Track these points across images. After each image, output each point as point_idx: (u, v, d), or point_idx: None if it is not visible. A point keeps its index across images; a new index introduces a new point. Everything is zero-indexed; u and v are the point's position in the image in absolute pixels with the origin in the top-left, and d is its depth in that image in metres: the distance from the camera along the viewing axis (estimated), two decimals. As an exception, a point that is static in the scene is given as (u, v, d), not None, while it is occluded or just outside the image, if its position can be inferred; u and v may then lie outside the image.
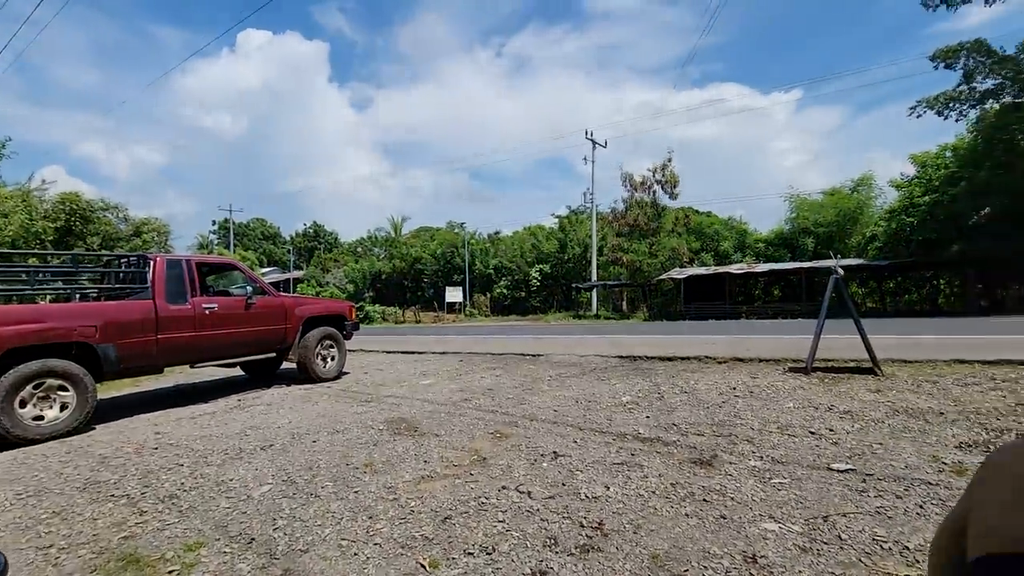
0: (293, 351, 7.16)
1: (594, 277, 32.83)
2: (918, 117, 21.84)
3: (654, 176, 32.84)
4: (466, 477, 3.46)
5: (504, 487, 3.25)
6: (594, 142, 33.01)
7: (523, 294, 39.57)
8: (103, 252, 16.69)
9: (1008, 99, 19.63)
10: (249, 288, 6.64)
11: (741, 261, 31.09)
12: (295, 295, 7.85)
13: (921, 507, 2.71)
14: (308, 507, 3.08)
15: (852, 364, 6.08)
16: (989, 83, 19.84)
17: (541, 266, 39.24)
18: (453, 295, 37.61)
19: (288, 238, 74.58)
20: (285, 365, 7.83)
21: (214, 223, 67.86)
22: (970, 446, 3.55)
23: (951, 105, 20.69)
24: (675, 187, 32.59)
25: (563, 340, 12.48)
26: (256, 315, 6.62)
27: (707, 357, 7.47)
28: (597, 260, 33.40)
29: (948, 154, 23.82)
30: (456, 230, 50.09)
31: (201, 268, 6.48)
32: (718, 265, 30.60)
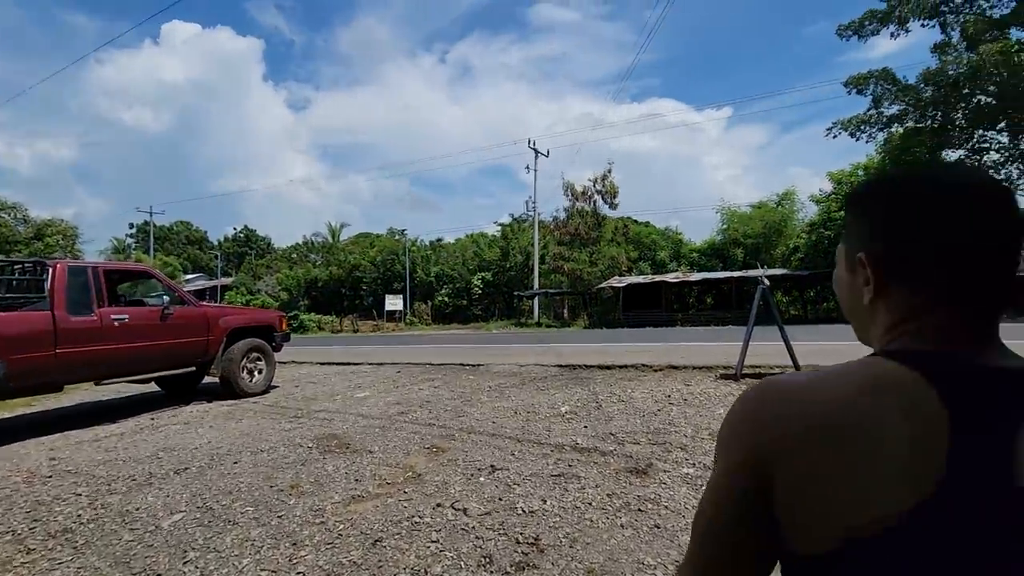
0: (216, 365, 6.69)
1: (536, 285, 33.13)
2: (834, 137, 23.63)
3: (595, 186, 33.68)
4: (399, 495, 3.32)
5: (439, 504, 3.14)
6: (536, 151, 33.46)
7: (465, 302, 39.30)
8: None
9: (911, 124, 21.59)
10: (166, 297, 6.15)
11: (677, 270, 32.32)
12: (220, 304, 7.38)
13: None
14: (225, 536, 2.84)
15: (777, 370, 6.39)
16: (895, 109, 21.75)
17: (483, 274, 39.16)
18: (393, 303, 36.82)
19: (216, 243, 70.67)
20: (208, 379, 7.32)
21: (132, 226, 63.40)
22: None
23: (862, 128, 22.50)
24: (615, 197, 33.54)
25: (504, 349, 12.45)
26: (173, 327, 6.14)
27: (644, 365, 7.64)
28: (539, 268, 33.74)
29: (860, 172, 25.90)
30: (397, 237, 49.22)
31: (111, 276, 5.96)
32: (655, 274, 31.66)
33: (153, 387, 7.55)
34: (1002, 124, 20.43)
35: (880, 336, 0.63)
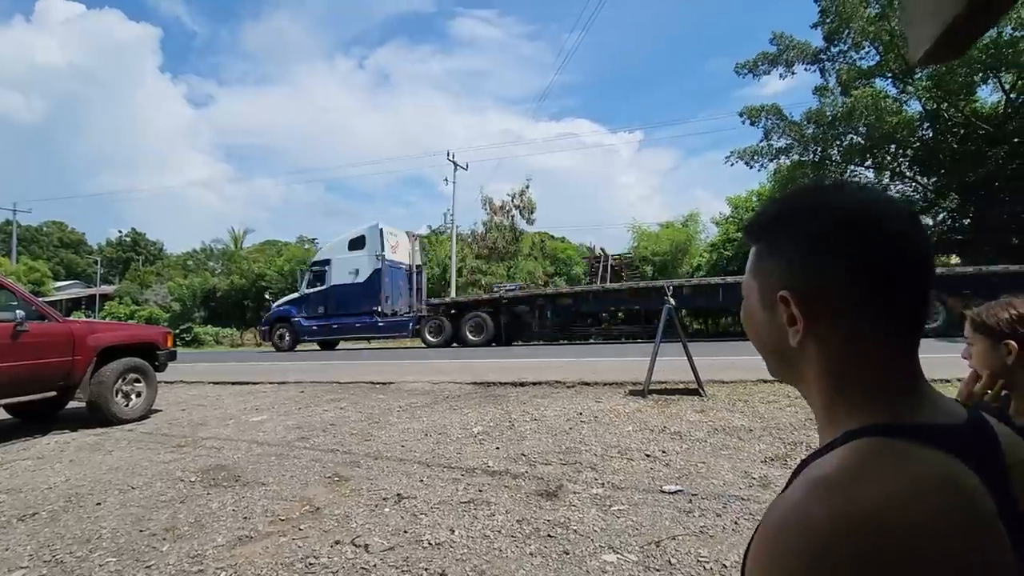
0: (83, 388, 5.87)
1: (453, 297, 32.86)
2: (732, 165, 25.70)
3: (513, 201, 34.18)
4: (294, 533, 3.03)
5: (338, 541, 2.90)
6: (455, 164, 33.38)
7: (380, 315, 38.15)
8: None
9: (796, 157, 23.97)
10: (20, 312, 5.31)
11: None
12: (89, 320, 6.53)
13: (736, 523, 2.95)
14: (74, 597, 2.43)
15: (682, 386, 6.68)
16: (783, 142, 24.05)
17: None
18: (302, 315, 34.91)
19: (96, 247, 63.55)
20: (74, 404, 6.42)
21: (-9, 225, 55.60)
22: (772, 460, 4.02)
23: (755, 157, 24.65)
24: (532, 212, 34.25)
25: (418, 365, 12.12)
26: (28, 345, 5.30)
27: (557, 381, 7.71)
28: (456, 281, 33.52)
29: (755, 198, 28.33)
30: (307, 245, 46.93)
31: (-52, 285, 5.07)
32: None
33: (2, 414, 6.50)
34: (869, 161, 23.26)
35: (827, 388, 0.58)
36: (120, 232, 68.43)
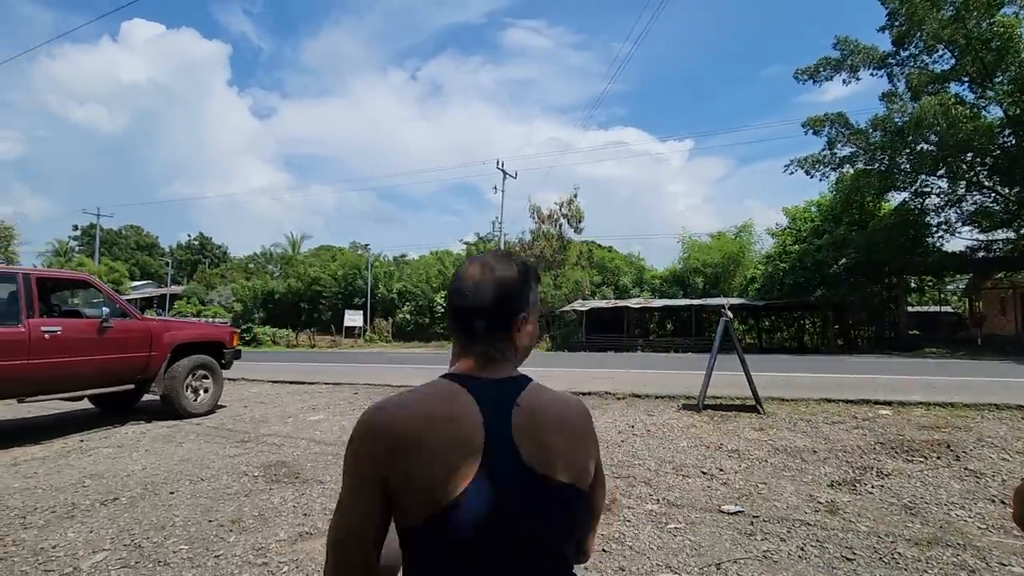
0: (157, 382, 6.25)
1: (500, 306, 33.03)
2: (791, 174, 24.72)
3: (560, 210, 34.13)
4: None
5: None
6: (504, 172, 33.68)
7: (427, 320, 38.75)
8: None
9: (861, 165, 22.81)
10: (105, 309, 5.73)
11: (639, 296, 32.87)
12: (164, 318, 6.95)
13: (802, 549, 2.80)
14: (152, 580, 2.57)
15: (738, 402, 6.46)
16: (847, 150, 22.96)
17: (446, 292, 38.79)
18: (353, 319, 35.98)
19: (168, 249, 67.78)
20: (148, 397, 6.84)
21: (76, 228, 60.37)
22: (840, 484, 3.81)
23: (816, 167, 23.62)
24: (580, 221, 34.09)
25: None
26: (112, 341, 5.71)
27: (607, 393, 7.60)
28: (503, 289, 33.70)
29: (814, 209, 27.13)
30: (360, 251, 48.39)
31: (44, 284, 5.52)
32: (618, 299, 32.10)
33: (86, 404, 7.01)
34: (941, 171, 21.82)
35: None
36: (189, 236, 72.88)
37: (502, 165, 33.50)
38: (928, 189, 22.96)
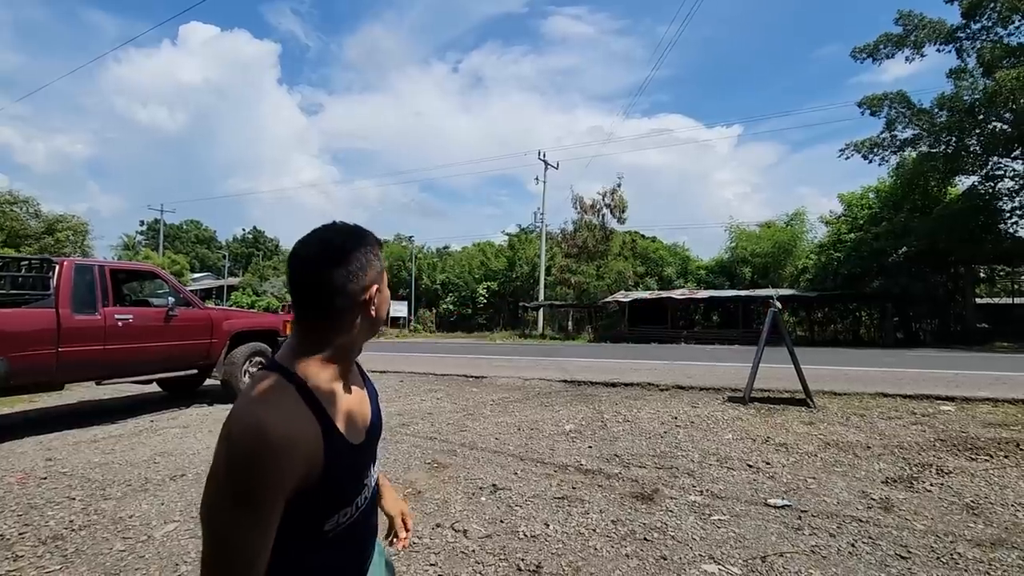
0: (218, 368, 6.63)
1: (541, 296, 33.03)
2: (847, 159, 23.53)
3: (603, 200, 33.68)
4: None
5: (439, 525, 3.05)
6: (546, 163, 33.52)
7: (469, 311, 39.24)
8: (1, 255, 15.15)
9: (924, 148, 21.47)
10: (171, 298, 6.11)
11: (683, 287, 32.17)
12: (223, 307, 7.33)
13: (853, 546, 2.73)
14: (217, 550, 2.76)
15: (787, 395, 6.27)
16: (908, 132, 21.64)
17: (489, 283, 39.10)
18: (397, 310, 36.82)
19: (224, 243, 71.07)
20: (209, 382, 7.26)
21: (142, 223, 64.07)
22: (895, 481, 3.66)
23: (875, 150, 22.40)
24: (623, 211, 33.52)
25: (508, 361, 12.35)
26: (177, 328, 6.09)
27: (650, 384, 7.52)
28: (545, 280, 33.67)
29: (872, 195, 25.76)
30: (404, 243, 49.30)
31: (116, 275, 5.92)
32: (661, 290, 31.52)
33: (154, 388, 7.50)
34: (1017, 151, 20.26)
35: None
36: (244, 230, 76.18)
37: (544, 156, 33.35)
38: (1001, 172, 21.37)
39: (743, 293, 26.46)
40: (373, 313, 0.90)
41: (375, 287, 0.90)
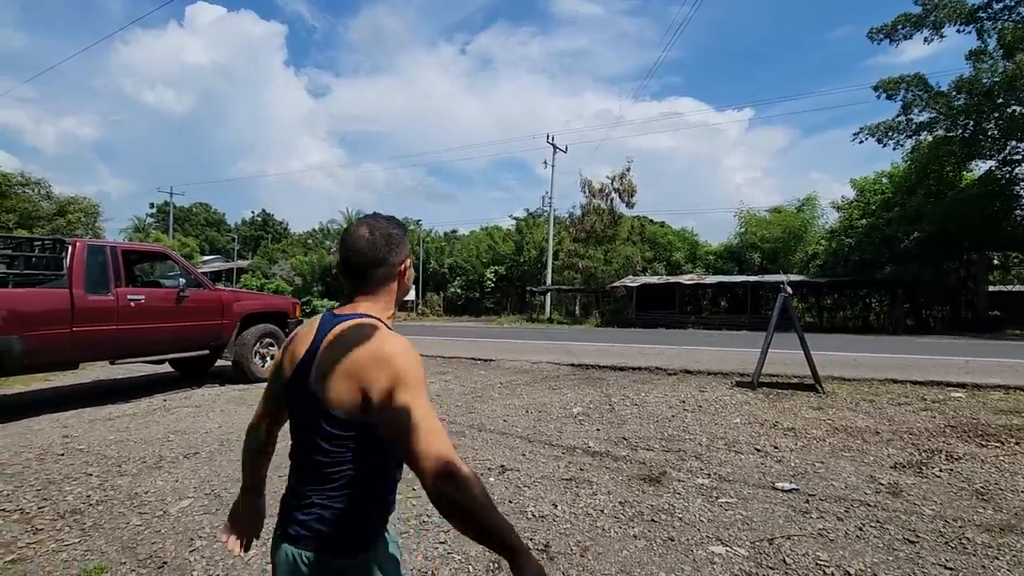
0: (229, 349, 6.71)
1: (549, 281, 32.97)
2: (860, 143, 23.08)
3: (612, 184, 33.34)
4: (408, 492, 3.27)
5: (448, 504, 3.08)
6: (555, 147, 33.18)
7: (477, 295, 39.30)
8: (15, 235, 15.25)
9: (940, 132, 21.01)
10: (182, 280, 6.16)
11: (692, 272, 31.96)
12: (234, 288, 7.37)
13: (861, 529, 2.74)
14: (231, 525, 2.81)
15: (796, 380, 6.26)
16: (925, 116, 21.16)
17: (496, 267, 39.07)
18: (406, 293, 36.86)
19: (233, 226, 71.35)
20: (220, 362, 7.35)
21: (152, 206, 64.22)
22: (904, 467, 3.66)
23: (890, 134, 21.94)
24: (632, 196, 33.20)
25: (516, 344, 12.39)
26: (188, 309, 6.15)
27: (658, 368, 7.53)
28: (553, 264, 33.58)
29: (885, 180, 25.32)
30: (411, 227, 49.27)
31: (128, 256, 5.97)
32: (670, 275, 31.33)
33: (167, 368, 7.61)
34: (1036, 136, 19.80)
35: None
36: (253, 212, 76.36)
37: (552, 139, 33.01)
38: (1019, 156, 20.89)
39: (752, 279, 26.24)
40: (406, 281, 1.22)
41: (408, 260, 1.20)
